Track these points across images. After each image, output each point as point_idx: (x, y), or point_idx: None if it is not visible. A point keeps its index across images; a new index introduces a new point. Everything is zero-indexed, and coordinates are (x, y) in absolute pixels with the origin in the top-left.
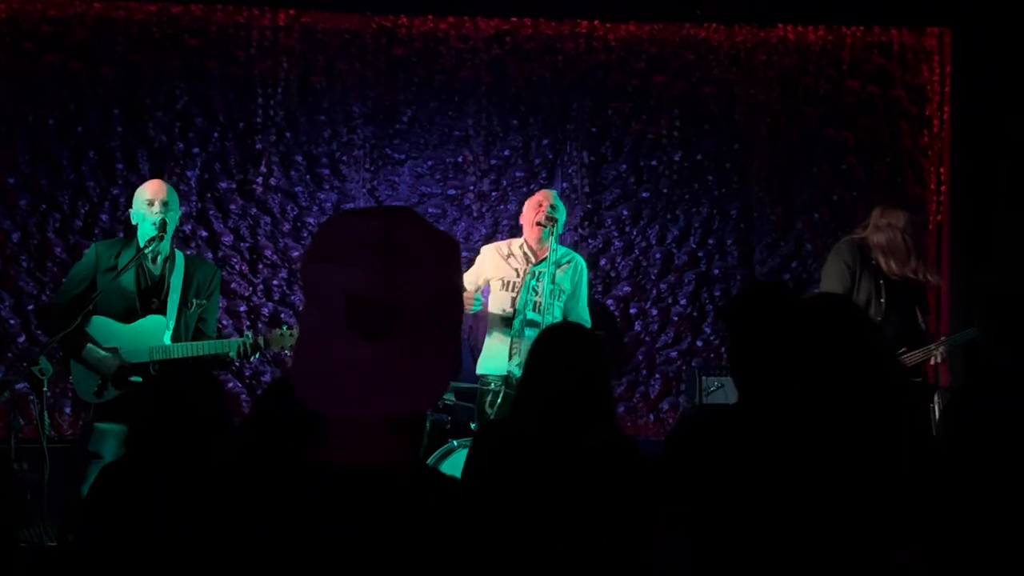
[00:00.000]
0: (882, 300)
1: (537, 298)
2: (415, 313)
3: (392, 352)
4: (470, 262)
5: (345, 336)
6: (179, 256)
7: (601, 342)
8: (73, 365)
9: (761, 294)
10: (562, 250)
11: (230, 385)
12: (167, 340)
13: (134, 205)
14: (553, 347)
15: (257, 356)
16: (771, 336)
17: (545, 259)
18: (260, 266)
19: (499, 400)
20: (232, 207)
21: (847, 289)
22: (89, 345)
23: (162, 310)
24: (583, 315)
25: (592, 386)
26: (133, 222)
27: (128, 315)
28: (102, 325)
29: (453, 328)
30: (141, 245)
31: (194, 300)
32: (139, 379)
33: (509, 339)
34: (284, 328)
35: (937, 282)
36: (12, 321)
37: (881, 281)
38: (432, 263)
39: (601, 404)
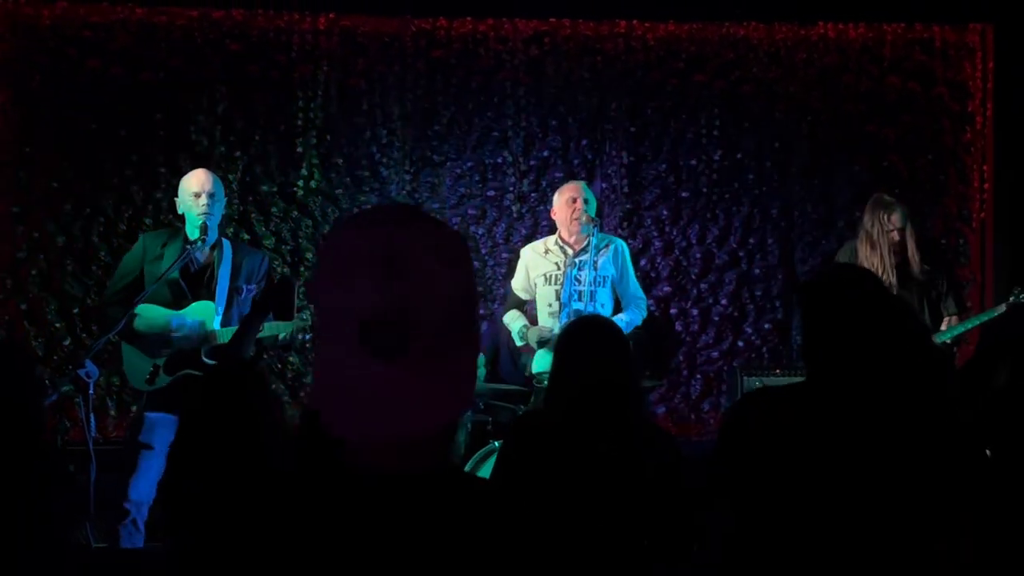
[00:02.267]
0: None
1: (581, 287)
2: (430, 327)
3: (408, 370)
4: (511, 263)
5: (360, 358)
6: (226, 244)
7: (622, 333)
8: (125, 351)
9: (844, 276)
10: (600, 236)
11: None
12: (216, 325)
13: (180, 195)
14: (576, 341)
15: (309, 336)
16: (853, 318)
17: (583, 249)
18: (302, 268)
19: None
20: (273, 210)
21: None
22: (139, 317)
23: (210, 296)
24: (636, 294)
25: (617, 378)
26: (179, 211)
27: (177, 302)
28: (151, 312)
29: (469, 336)
30: (191, 238)
31: (244, 286)
32: (192, 371)
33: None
34: None
35: (919, 265)
36: (57, 324)
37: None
38: (442, 272)
39: (628, 395)
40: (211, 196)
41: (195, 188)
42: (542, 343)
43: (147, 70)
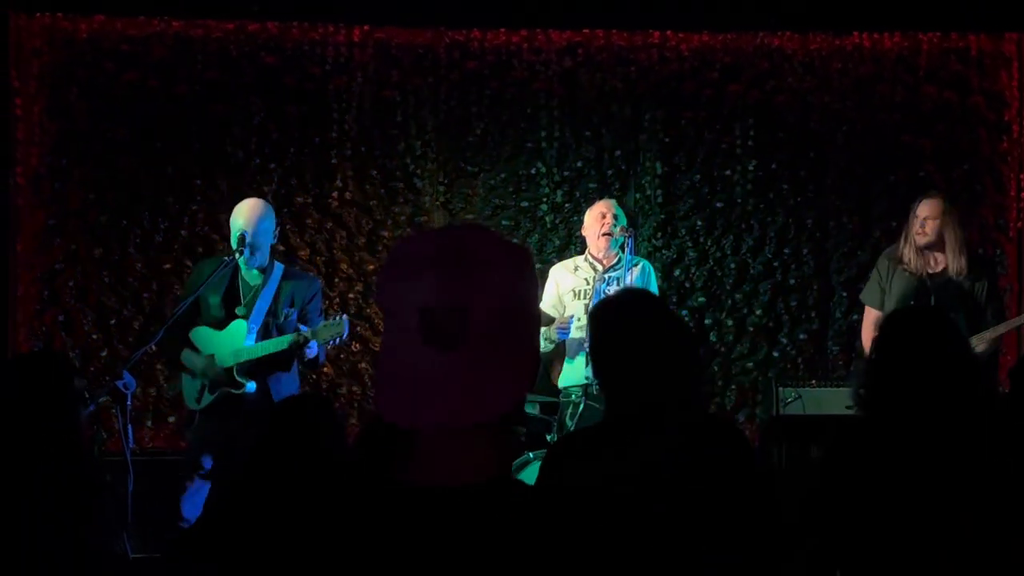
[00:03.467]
0: (931, 299)
1: None
2: (486, 320)
3: (464, 360)
4: (542, 275)
5: (419, 348)
6: (278, 267)
7: (668, 309)
8: (183, 375)
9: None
10: (629, 257)
11: None
12: (250, 342)
13: (231, 223)
14: (613, 316)
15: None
16: (915, 359)
17: (613, 266)
18: (336, 280)
19: (579, 411)
20: (308, 221)
21: (880, 300)
22: (185, 351)
23: (246, 316)
24: None
25: (664, 355)
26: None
27: (218, 322)
28: (202, 333)
29: (527, 336)
30: (241, 264)
31: (284, 308)
32: (228, 389)
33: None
34: (336, 318)
35: (959, 270)
36: (94, 335)
37: (925, 281)
38: (502, 270)
39: (681, 376)
40: (254, 235)
41: (238, 229)
42: (562, 327)
43: (183, 83)
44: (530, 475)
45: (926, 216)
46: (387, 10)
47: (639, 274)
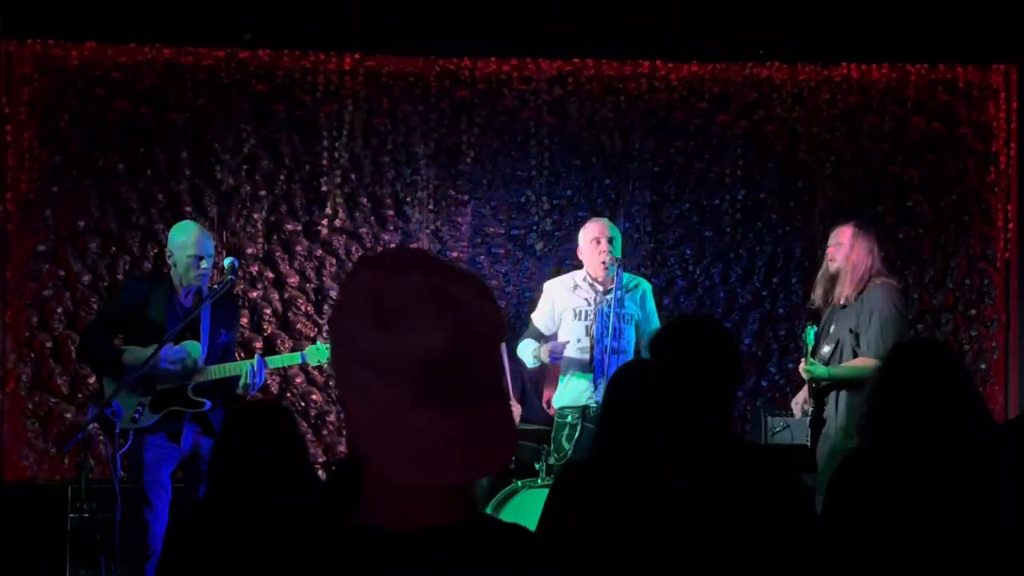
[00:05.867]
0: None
1: (609, 324)
2: (480, 369)
3: (467, 417)
4: (533, 302)
5: (423, 405)
6: (205, 289)
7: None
8: (108, 390)
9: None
10: (626, 276)
11: None
12: (201, 363)
13: (173, 249)
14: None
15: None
16: (922, 389)
17: (611, 289)
18: (325, 307)
19: (576, 434)
20: (298, 248)
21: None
22: (126, 350)
23: (195, 339)
24: None
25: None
26: (168, 261)
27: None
28: (137, 353)
29: (503, 379)
30: (178, 286)
31: (222, 331)
32: (178, 408)
33: (590, 370)
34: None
35: (849, 299)
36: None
37: (831, 315)
38: (484, 310)
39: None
40: (210, 257)
41: (194, 251)
42: (555, 353)
43: (174, 110)
44: (519, 504)
45: (834, 243)
46: (378, 38)
47: (639, 297)
